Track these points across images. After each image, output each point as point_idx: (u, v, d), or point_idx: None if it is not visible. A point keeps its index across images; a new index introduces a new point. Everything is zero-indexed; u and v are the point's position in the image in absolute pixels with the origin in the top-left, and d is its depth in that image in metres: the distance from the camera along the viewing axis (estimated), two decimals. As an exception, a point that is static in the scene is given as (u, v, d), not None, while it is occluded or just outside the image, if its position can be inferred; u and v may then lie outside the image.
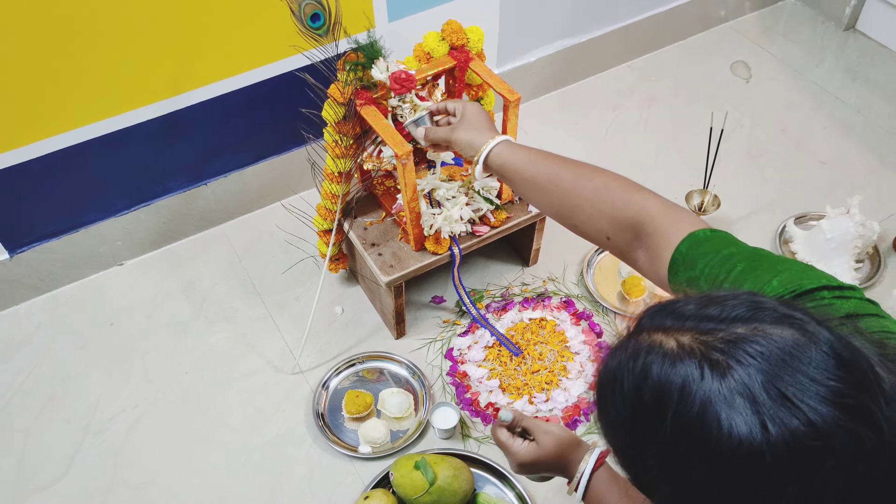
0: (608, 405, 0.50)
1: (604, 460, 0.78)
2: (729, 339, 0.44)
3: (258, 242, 1.35)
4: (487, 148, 0.81)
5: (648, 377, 0.46)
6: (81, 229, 1.24)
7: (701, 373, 0.44)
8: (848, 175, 1.45)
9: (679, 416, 0.44)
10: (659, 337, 0.47)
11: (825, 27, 1.76)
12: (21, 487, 1.05)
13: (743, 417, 0.42)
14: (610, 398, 0.49)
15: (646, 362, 0.46)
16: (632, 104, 1.60)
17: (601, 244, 0.74)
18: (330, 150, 1.06)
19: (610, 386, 0.49)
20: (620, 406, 0.48)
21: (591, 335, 1.21)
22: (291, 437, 1.10)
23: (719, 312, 0.46)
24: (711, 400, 0.43)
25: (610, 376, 0.50)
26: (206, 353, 1.20)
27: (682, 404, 0.44)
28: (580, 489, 0.78)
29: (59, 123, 1.10)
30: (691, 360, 0.44)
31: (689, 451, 0.44)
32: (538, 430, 0.80)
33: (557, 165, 0.77)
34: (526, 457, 0.79)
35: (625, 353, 0.49)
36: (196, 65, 1.15)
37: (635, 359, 0.47)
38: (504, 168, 0.80)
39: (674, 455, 0.46)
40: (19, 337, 1.22)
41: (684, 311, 0.48)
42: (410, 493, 0.98)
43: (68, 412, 1.13)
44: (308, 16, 0.96)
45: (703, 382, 0.43)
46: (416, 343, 1.20)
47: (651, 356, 0.46)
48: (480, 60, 1.09)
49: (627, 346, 0.49)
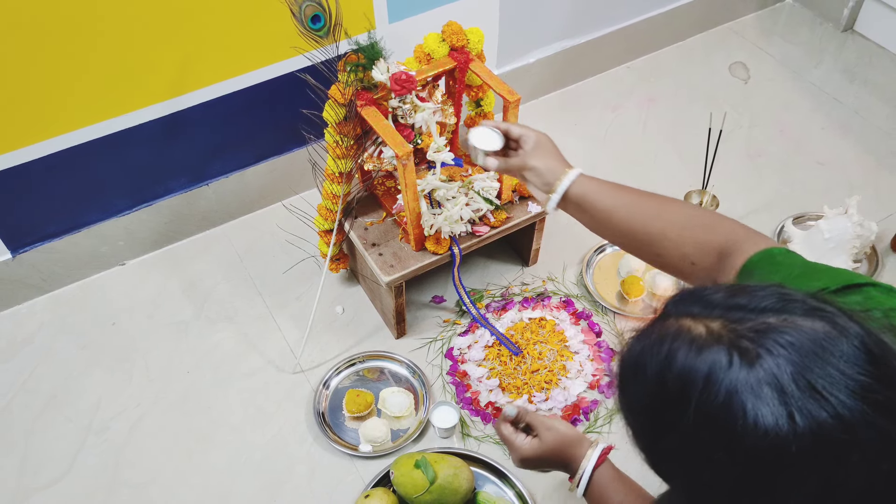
0: (629, 389, 0.50)
1: (606, 457, 0.79)
2: (759, 328, 0.44)
3: (259, 242, 1.36)
4: (569, 179, 0.77)
5: (674, 362, 0.45)
6: (83, 229, 1.24)
7: (729, 360, 0.43)
8: (846, 175, 1.45)
9: (703, 404, 0.44)
10: (687, 322, 0.47)
11: (823, 28, 1.77)
12: (23, 486, 1.05)
13: (770, 408, 0.42)
14: (632, 382, 0.49)
15: (672, 347, 0.46)
16: (631, 105, 1.61)
17: (684, 271, 0.73)
18: (331, 150, 1.06)
19: (633, 370, 0.49)
20: (642, 390, 0.48)
21: (590, 335, 1.21)
22: (292, 436, 1.10)
23: (748, 302, 0.46)
24: (738, 388, 0.43)
25: (633, 360, 0.49)
26: (208, 353, 1.20)
27: (707, 391, 0.44)
28: (582, 485, 0.78)
29: (60, 124, 1.10)
30: (720, 347, 0.44)
31: (711, 438, 0.44)
32: (541, 426, 0.80)
33: (638, 195, 0.76)
34: (528, 452, 0.80)
35: (650, 338, 0.48)
36: (197, 66, 1.15)
37: (661, 343, 0.47)
38: (585, 198, 0.77)
39: (694, 442, 0.45)
40: (21, 336, 1.23)
41: (713, 299, 0.48)
42: (411, 492, 0.98)
43: (70, 411, 1.13)
44: (309, 17, 0.97)
45: (731, 370, 0.43)
46: (416, 342, 1.21)
47: (677, 341, 0.46)
48: (480, 61, 1.09)
49: (653, 330, 0.49)
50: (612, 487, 0.77)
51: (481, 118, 1.18)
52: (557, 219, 1.35)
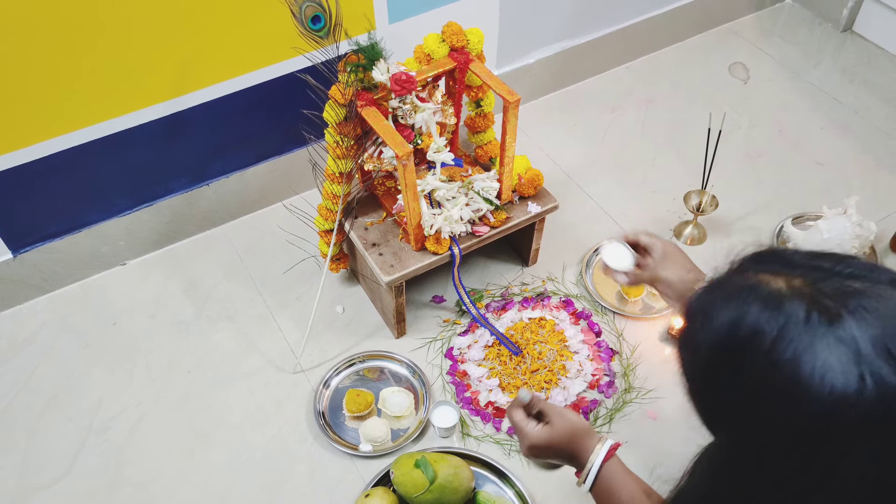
0: (696, 335, 0.50)
1: (614, 453, 0.78)
2: (843, 290, 0.45)
3: (260, 242, 1.36)
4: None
5: (748, 311, 0.46)
6: (84, 229, 1.25)
7: (807, 316, 0.44)
8: (845, 176, 1.45)
9: (772, 355, 0.44)
10: (766, 277, 0.47)
11: (823, 29, 1.77)
12: (25, 485, 1.06)
13: (841, 366, 0.42)
14: (700, 328, 0.49)
15: (748, 297, 0.46)
16: (630, 105, 1.61)
17: None
18: (331, 150, 1.07)
19: (702, 316, 0.49)
20: (711, 336, 0.48)
21: (589, 334, 1.21)
22: (293, 435, 1.10)
23: (833, 266, 0.47)
24: (812, 344, 0.43)
25: (704, 306, 0.49)
26: (208, 353, 1.20)
27: (779, 343, 0.44)
28: (589, 479, 0.78)
29: (61, 124, 1.11)
30: (799, 302, 0.44)
31: (774, 391, 0.44)
32: (553, 414, 0.80)
33: None
34: (538, 439, 0.79)
35: (724, 287, 0.48)
36: (198, 66, 1.15)
37: (737, 293, 0.47)
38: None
39: (755, 394, 0.45)
40: (23, 336, 1.23)
41: (795, 259, 0.48)
42: (411, 492, 0.98)
43: (71, 411, 1.14)
44: (309, 18, 0.97)
45: (808, 325, 0.44)
46: (416, 342, 1.21)
47: (755, 292, 0.46)
48: (480, 62, 1.10)
49: (728, 281, 0.49)
50: (620, 483, 0.76)
51: (481, 118, 1.18)
52: (557, 219, 1.35)
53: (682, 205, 1.36)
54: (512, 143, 1.09)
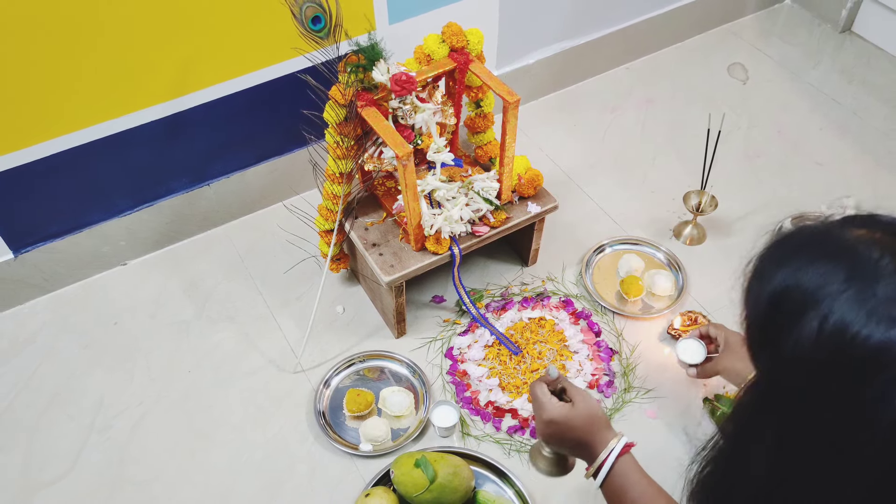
0: (766, 272, 0.52)
1: (629, 451, 0.78)
2: None
3: (260, 242, 1.36)
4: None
5: (822, 252, 0.49)
6: (85, 229, 1.25)
7: (879, 257, 0.47)
8: (844, 176, 1.46)
9: (830, 286, 0.47)
10: (850, 230, 0.50)
11: (822, 29, 1.78)
12: (27, 484, 1.06)
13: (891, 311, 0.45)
14: (771, 266, 0.52)
15: (825, 240, 0.50)
16: (630, 106, 1.61)
17: None
18: (331, 151, 1.07)
19: (776, 253, 0.52)
20: (787, 273, 0.51)
21: (589, 334, 1.21)
22: (293, 435, 1.10)
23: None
24: (877, 283, 0.46)
25: (779, 245, 0.53)
26: (209, 352, 1.21)
27: (842, 281, 0.47)
28: (601, 474, 0.77)
29: (62, 125, 1.11)
30: (875, 247, 0.48)
31: (822, 322, 0.47)
32: (577, 394, 0.80)
33: None
34: (557, 414, 0.78)
35: (803, 232, 0.52)
36: (199, 67, 1.16)
37: (815, 237, 0.51)
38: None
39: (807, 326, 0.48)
40: (24, 336, 1.23)
41: (881, 219, 0.51)
42: (411, 491, 0.99)
43: (73, 410, 1.14)
44: (309, 18, 0.97)
45: (877, 266, 0.47)
46: (416, 342, 1.21)
47: (838, 240, 0.49)
48: (480, 62, 1.10)
49: (807, 228, 0.52)
50: (633, 480, 0.76)
51: (481, 119, 1.19)
52: (557, 219, 1.36)
53: (681, 205, 1.36)
54: (512, 143, 1.09)
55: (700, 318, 1.20)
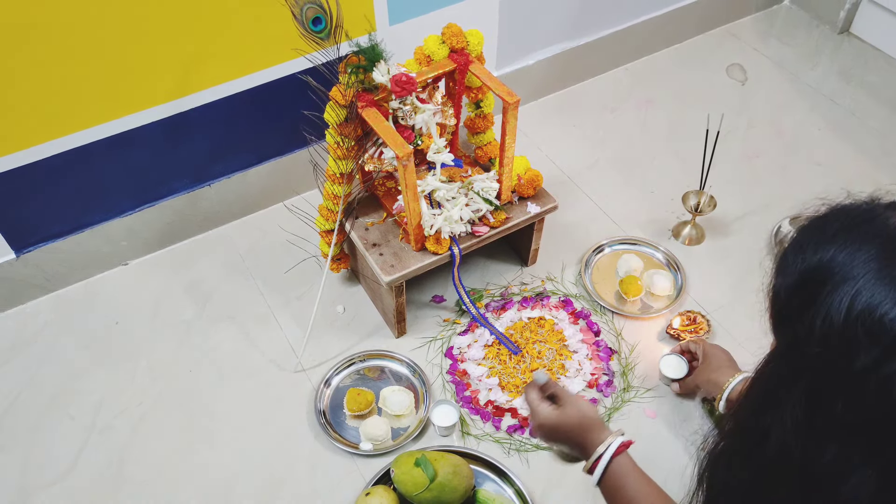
0: (816, 244, 0.53)
1: (626, 450, 0.79)
2: None
3: (261, 242, 1.37)
4: (730, 386, 0.97)
5: (862, 234, 0.51)
6: (87, 229, 1.25)
7: None
8: (842, 176, 1.46)
9: (864, 265, 0.49)
10: (889, 213, 0.52)
11: (820, 31, 1.78)
12: (27, 483, 1.06)
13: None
14: (827, 240, 0.53)
15: (868, 222, 0.51)
16: (629, 106, 1.62)
17: None
18: (332, 151, 1.07)
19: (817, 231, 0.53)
20: (823, 250, 0.52)
21: (588, 334, 1.22)
22: (294, 434, 1.11)
23: None
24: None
25: (819, 223, 0.54)
26: (210, 352, 1.21)
27: (874, 261, 0.49)
28: (597, 471, 0.78)
29: (64, 125, 1.11)
30: None
31: (851, 304, 0.49)
32: (566, 399, 0.82)
33: None
34: (547, 419, 0.81)
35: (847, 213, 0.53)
36: (200, 68, 1.16)
37: (858, 220, 0.52)
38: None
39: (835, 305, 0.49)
40: (26, 335, 1.24)
41: None
42: (411, 490, 0.99)
43: (74, 409, 1.14)
44: (310, 19, 0.98)
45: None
46: (416, 342, 1.22)
47: (877, 222, 0.51)
48: (480, 63, 1.10)
49: (856, 210, 0.53)
50: (630, 478, 0.77)
51: (481, 119, 1.19)
52: (556, 219, 1.36)
53: (680, 205, 1.37)
54: (511, 143, 1.10)
55: (699, 318, 1.21)
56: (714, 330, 1.22)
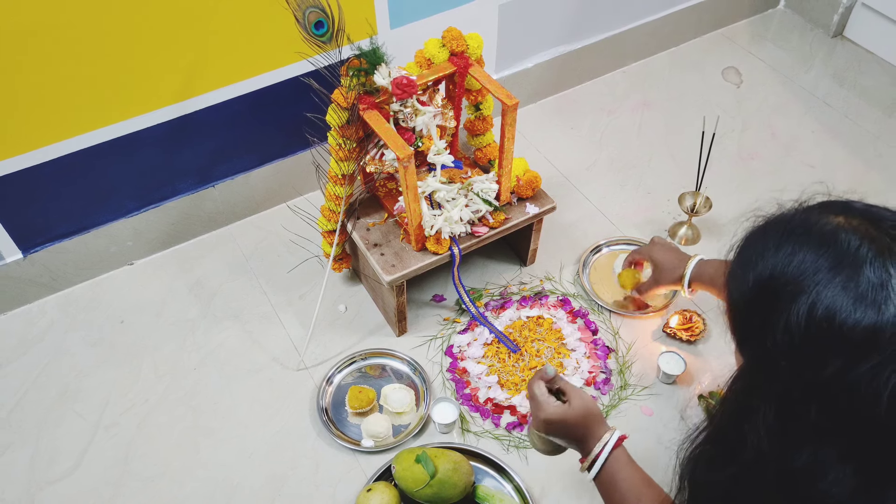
0: (748, 262, 0.53)
1: (621, 444, 0.81)
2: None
3: (264, 242, 1.37)
4: (688, 273, 1.03)
5: (804, 241, 0.50)
6: (93, 230, 1.26)
7: (859, 245, 0.49)
8: (836, 177, 1.47)
9: (817, 275, 0.48)
10: (828, 216, 0.51)
11: (814, 34, 1.80)
12: (35, 479, 1.07)
13: (882, 294, 0.47)
14: (755, 255, 0.52)
15: (810, 230, 0.51)
16: (626, 109, 1.63)
17: None
18: (334, 153, 1.08)
19: (759, 243, 0.53)
20: (768, 261, 0.51)
21: (586, 332, 1.23)
22: (296, 431, 1.12)
23: (890, 214, 0.51)
24: (860, 271, 0.48)
25: (760, 234, 0.53)
26: (214, 350, 1.22)
27: (825, 267, 0.48)
28: (595, 467, 0.79)
29: (71, 127, 1.12)
30: (854, 235, 0.49)
31: (811, 309, 0.48)
32: (573, 394, 0.82)
33: None
34: (553, 414, 0.81)
35: (783, 219, 0.53)
36: (205, 71, 1.17)
37: (795, 224, 0.51)
38: (715, 279, 0.89)
39: (794, 312, 0.49)
40: (33, 334, 1.25)
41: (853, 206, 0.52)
42: (412, 486, 1.00)
43: (80, 407, 1.15)
44: (312, 23, 0.99)
45: (858, 253, 0.48)
46: (417, 340, 1.23)
47: (816, 227, 0.51)
48: (479, 66, 1.11)
49: (787, 215, 0.53)
50: (624, 472, 0.79)
51: (481, 122, 1.20)
52: (555, 220, 1.38)
53: (676, 206, 1.38)
54: (510, 145, 1.11)
55: (694, 317, 1.22)
56: (709, 329, 1.23)
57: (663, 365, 1.14)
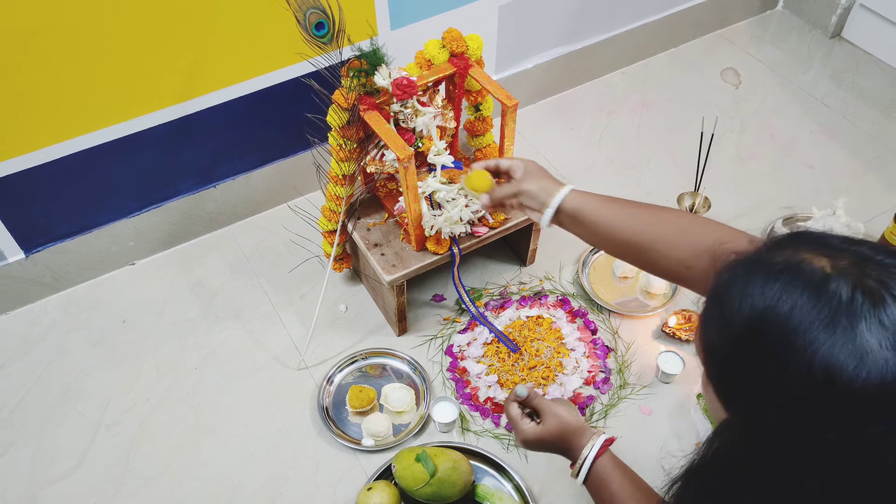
0: (728, 308, 0.49)
1: (608, 447, 0.81)
2: (886, 274, 0.45)
3: (265, 243, 1.38)
4: (562, 193, 0.82)
5: (792, 289, 0.45)
6: (95, 230, 1.27)
7: (851, 296, 0.44)
8: (834, 178, 1.48)
9: (811, 333, 0.44)
10: (809, 256, 0.47)
11: (812, 35, 1.81)
12: (37, 479, 1.08)
13: (882, 351, 0.42)
14: (735, 301, 0.48)
15: (793, 275, 0.46)
16: (625, 109, 1.64)
17: (680, 276, 0.74)
18: (334, 153, 1.09)
19: (739, 288, 0.48)
20: (748, 311, 0.47)
21: (585, 332, 1.24)
22: (297, 430, 1.12)
23: (871, 252, 0.47)
24: (854, 325, 0.43)
25: (740, 279, 0.48)
26: (215, 350, 1.22)
27: (820, 322, 0.44)
28: (582, 473, 0.80)
29: (74, 128, 1.13)
30: (844, 283, 0.44)
31: (808, 370, 0.44)
32: (546, 413, 0.82)
33: (629, 204, 0.79)
34: (530, 436, 0.82)
35: (766, 263, 0.48)
36: (206, 71, 1.18)
37: (780, 269, 0.47)
38: (579, 210, 0.80)
39: (786, 370, 0.45)
40: (35, 334, 1.25)
41: (833, 242, 0.48)
42: (412, 485, 1.00)
43: (82, 406, 1.16)
44: (313, 24, 0.99)
45: (851, 306, 0.44)
46: (417, 340, 1.23)
47: (800, 271, 0.46)
48: (479, 67, 1.11)
49: (768, 257, 0.48)
50: (612, 476, 0.79)
51: (481, 122, 1.20)
52: (554, 220, 1.38)
53: (675, 206, 1.39)
54: (510, 146, 1.11)
55: (693, 317, 1.23)
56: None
57: (662, 364, 1.14)
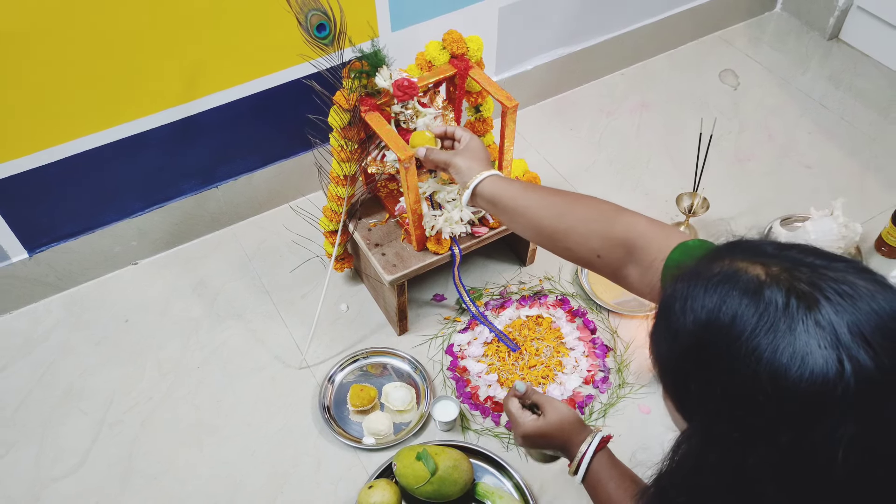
0: (674, 322, 0.50)
1: (605, 445, 0.81)
2: (817, 278, 0.46)
3: (267, 243, 1.38)
4: (480, 177, 0.86)
5: (729, 299, 0.46)
6: (98, 230, 1.27)
7: (786, 302, 0.45)
8: (831, 178, 1.48)
9: (752, 340, 0.45)
10: (743, 264, 0.48)
11: (810, 37, 1.81)
12: (40, 477, 1.08)
13: (821, 351, 0.43)
14: (679, 315, 0.49)
15: (728, 285, 0.47)
16: (625, 110, 1.64)
17: (591, 264, 0.76)
18: (336, 154, 1.09)
19: (681, 303, 0.49)
20: (690, 324, 0.48)
21: (585, 332, 1.24)
22: (299, 429, 1.13)
23: (801, 255, 0.48)
24: (792, 329, 0.44)
25: (682, 293, 0.49)
26: (217, 349, 1.23)
27: (759, 329, 0.45)
28: (581, 470, 0.81)
29: (77, 128, 1.13)
30: (778, 289, 0.45)
31: (753, 376, 0.45)
32: (547, 406, 0.82)
33: (547, 193, 0.81)
34: (530, 429, 0.82)
35: (703, 275, 0.49)
36: (208, 72, 1.18)
37: (716, 280, 0.48)
38: (496, 196, 0.84)
39: (735, 379, 0.46)
40: (38, 333, 1.26)
41: (766, 249, 0.49)
42: (412, 483, 1.00)
43: (85, 405, 1.16)
44: (314, 26, 0.99)
45: (787, 311, 0.45)
46: (417, 339, 1.24)
47: (735, 280, 0.47)
48: (480, 68, 1.12)
49: (705, 268, 0.49)
50: (608, 474, 0.79)
51: (481, 123, 1.21)
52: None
53: (674, 206, 1.39)
54: (510, 146, 1.12)
55: None
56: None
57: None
